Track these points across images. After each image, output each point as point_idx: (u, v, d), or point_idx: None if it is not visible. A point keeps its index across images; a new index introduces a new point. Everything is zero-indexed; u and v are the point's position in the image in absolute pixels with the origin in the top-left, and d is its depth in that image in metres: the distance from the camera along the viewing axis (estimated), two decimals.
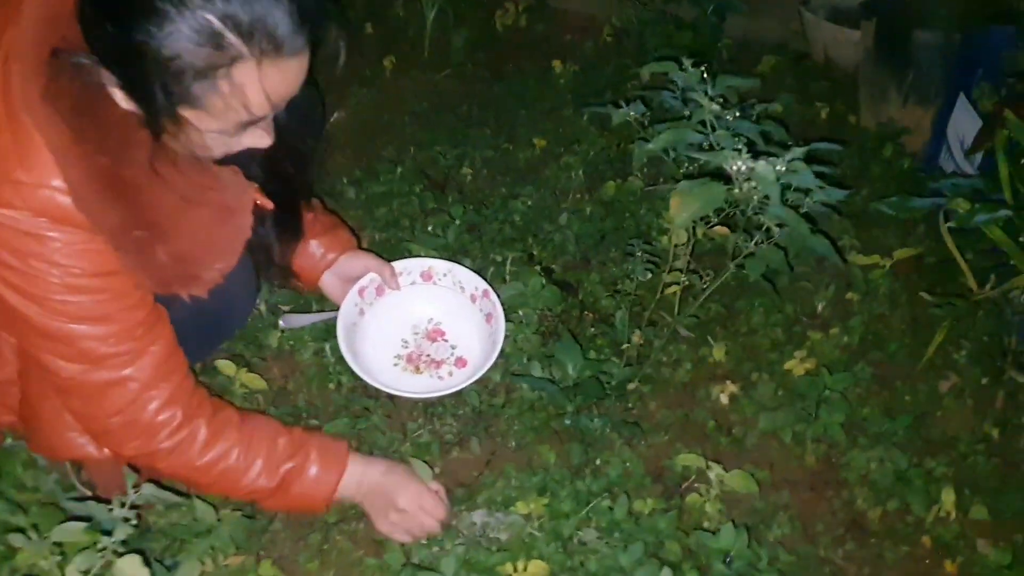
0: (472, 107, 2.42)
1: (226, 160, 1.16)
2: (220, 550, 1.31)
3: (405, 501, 1.36)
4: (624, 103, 1.48)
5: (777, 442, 1.65)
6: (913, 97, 2.34)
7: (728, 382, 1.72)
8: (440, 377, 1.62)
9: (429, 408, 1.61)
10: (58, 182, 1.02)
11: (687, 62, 1.42)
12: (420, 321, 1.70)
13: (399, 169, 2.08)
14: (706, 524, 1.45)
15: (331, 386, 1.63)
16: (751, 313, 1.86)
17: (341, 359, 1.56)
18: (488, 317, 1.64)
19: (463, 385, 1.54)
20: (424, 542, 1.39)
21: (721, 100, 1.41)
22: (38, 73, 1.00)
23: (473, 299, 1.67)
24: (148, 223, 1.09)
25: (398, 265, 1.66)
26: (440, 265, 1.68)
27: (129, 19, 0.92)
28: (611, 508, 1.41)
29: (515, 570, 1.29)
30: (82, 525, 1.06)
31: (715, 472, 1.46)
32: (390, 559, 1.37)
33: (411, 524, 1.37)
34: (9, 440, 1.41)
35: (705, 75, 1.46)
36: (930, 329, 1.80)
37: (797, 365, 1.73)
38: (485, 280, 1.66)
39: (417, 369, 1.63)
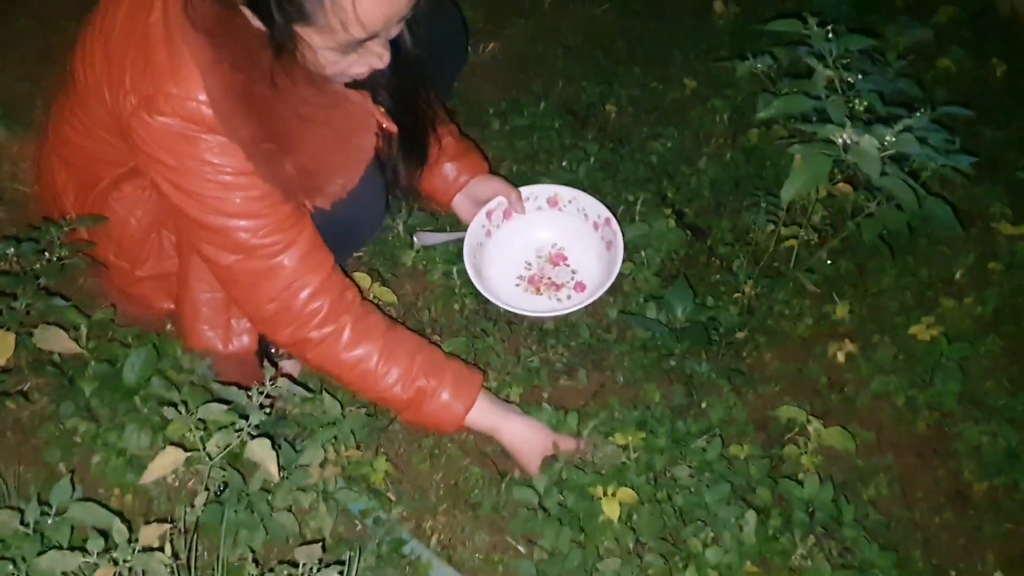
0: (626, 43, 2.42)
1: (355, 84, 1.27)
2: (342, 441, 1.45)
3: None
4: (751, 56, 1.47)
5: (889, 405, 1.64)
6: None
7: (847, 341, 1.71)
8: (559, 299, 1.71)
9: (543, 337, 1.69)
10: (203, 95, 1.15)
11: (811, 20, 1.40)
12: (543, 245, 1.78)
13: (543, 103, 2.14)
14: (800, 476, 1.48)
15: (456, 306, 1.73)
16: (882, 274, 1.83)
17: (467, 282, 1.67)
18: (609, 245, 1.70)
19: (579, 307, 1.62)
20: None
21: (848, 60, 1.39)
22: None
23: (595, 226, 1.73)
24: (275, 136, 1.21)
25: (525, 190, 1.74)
26: (565, 192, 1.76)
27: None
28: (704, 449, 1.46)
29: (605, 494, 1.36)
30: (224, 407, 1.21)
31: (813, 426, 1.48)
32: (490, 471, 1.49)
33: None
34: (169, 326, 1.60)
35: (831, 35, 1.43)
36: None
37: (923, 331, 1.70)
38: (608, 209, 1.72)
39: (538, 290, 1.73)
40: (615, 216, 1.71)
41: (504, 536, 1.45)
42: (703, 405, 1.60)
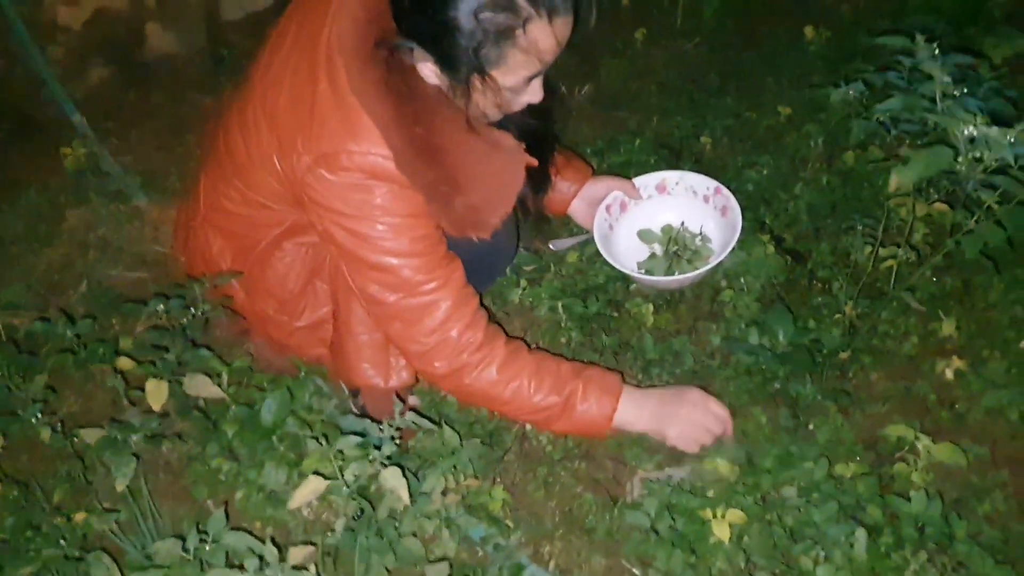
0: (719, 75, 2.48)
1: (496, 126, 1.42)
2: (461, 471, 1.54)
3: (688, 407, 1.54)
4: (845, 82, 1.52)
5: (1003, 421, 1.63)
6: None
7: (955, 357, 1.70)
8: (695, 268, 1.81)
9: (648, 366, 1.74)
10: (383, 150, 1.30)
11: (919, 38, 1.44)
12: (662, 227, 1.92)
13: (638, 140, 2.21)
14: (912, 493, 1.49)
15: (563, 340, 1.81)
16: (989, 289, 1.82)
17: (571, 317, 1.75)
18: (723, 210, 1.82)
19: (707, 269, 1.74)
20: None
21: (952, 77, 1.42)
22: (368, 64, 1.28)
23: (706, 199, 1.86)
24: (451, 179, 1.35)
25: (635, 182, 1.88)
26: (671, 175, 1.90)
27: (440, 2, 1.20)
28: (812, 469, 1.48)
29: (714, 516, 1.41)
30: (358, 439, 1.32)
31: (923, 443, 1.49)
32: (602, 497, 1.55)
33: (698, 431, 1.54)
34: (303, 372, 1.72)
35: (936, 51, 1.47)
36: None
37: None
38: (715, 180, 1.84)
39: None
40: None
41: (619, 559, 1.50)
42: (810, 427, 1.63)
